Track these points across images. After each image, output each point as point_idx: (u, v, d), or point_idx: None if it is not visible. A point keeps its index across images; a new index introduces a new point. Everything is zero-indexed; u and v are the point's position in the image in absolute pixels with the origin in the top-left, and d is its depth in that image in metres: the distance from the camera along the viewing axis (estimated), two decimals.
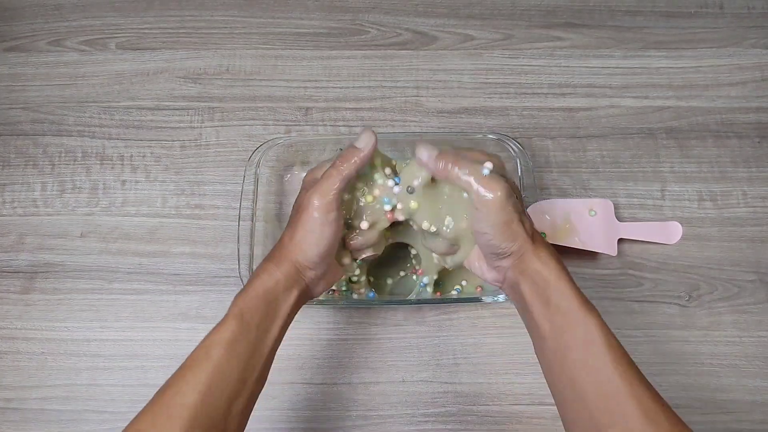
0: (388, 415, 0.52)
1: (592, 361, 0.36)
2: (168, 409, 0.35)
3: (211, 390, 0.35)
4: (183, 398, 0.35)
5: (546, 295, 0.39)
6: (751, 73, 0.65)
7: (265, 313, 0.40)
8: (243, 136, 0.62)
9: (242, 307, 0.39)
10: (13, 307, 0.56)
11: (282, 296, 0.41)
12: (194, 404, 0.35)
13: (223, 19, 0.68)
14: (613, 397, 0.35)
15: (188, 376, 0.36)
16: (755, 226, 0.58)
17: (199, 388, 0.35)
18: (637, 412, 0.34)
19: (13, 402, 0.53)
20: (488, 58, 0.66)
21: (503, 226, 0.40)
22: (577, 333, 0.38)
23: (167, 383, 0.37)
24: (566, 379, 0.37)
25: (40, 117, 0.64)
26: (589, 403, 0.36)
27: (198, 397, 0.35)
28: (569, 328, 0.38)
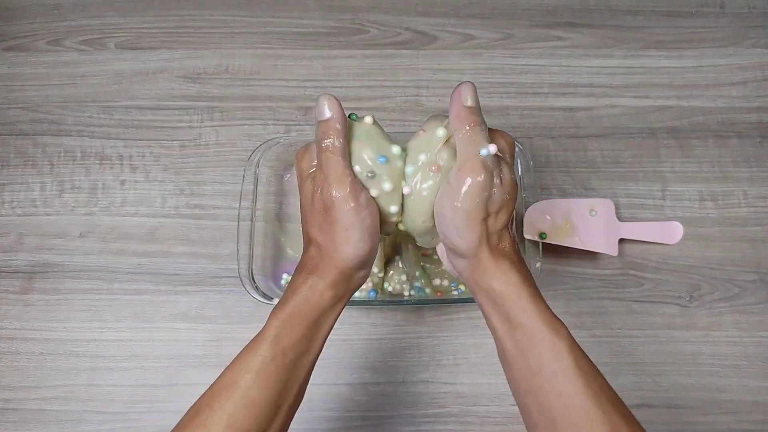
0: (388, 415, 0.52)
1: (562, 387, 0.33)
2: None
3: (239, 422, 0.32)
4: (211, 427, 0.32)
5: (504, 311, 0.36)
6: (752, 72, 0.65)
7: (306, 333, 0.36)
8: (242, 135, 0.62)
9: (279, 328, 0.35)
10: (13, 308, 0.56)
11: (329, 312, 0.37)
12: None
13: (223, 19, 0.68)
14: (585, 426, 0.33)
15: (215, 405, 0.33)
16: (756, 226, 0.58)
17: (225, 420, 0.32)
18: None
19: (12, 402, 0.53)
20: (489, 57, 0.66)
21: (462, 217, 0.35)
22: (543, 355, 0.34)
23: (195, 410, 0.34)
24: (534, 403, 0.35)
25: (39, 117, 0.63)
26: (561, 430, 0.33)
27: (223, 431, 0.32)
28: (534, 349, 0.34)
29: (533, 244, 0.53)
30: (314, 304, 0.36)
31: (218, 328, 0.55)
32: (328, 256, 0.37)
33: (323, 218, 0.36)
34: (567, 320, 0.55)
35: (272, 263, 0.56)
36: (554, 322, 0.35)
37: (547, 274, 0.57)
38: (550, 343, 0.34)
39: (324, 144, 0.36)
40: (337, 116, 0.36)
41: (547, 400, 0.34)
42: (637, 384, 0.53)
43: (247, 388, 0.33)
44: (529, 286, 0.36)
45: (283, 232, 0.58)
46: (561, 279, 0.57)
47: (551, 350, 0.34)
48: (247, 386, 0.33)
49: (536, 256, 0.52)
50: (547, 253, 0.57)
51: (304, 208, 0.38)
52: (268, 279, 0.54)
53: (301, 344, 0.36)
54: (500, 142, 0.38)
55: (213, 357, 0.54)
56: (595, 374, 0.34)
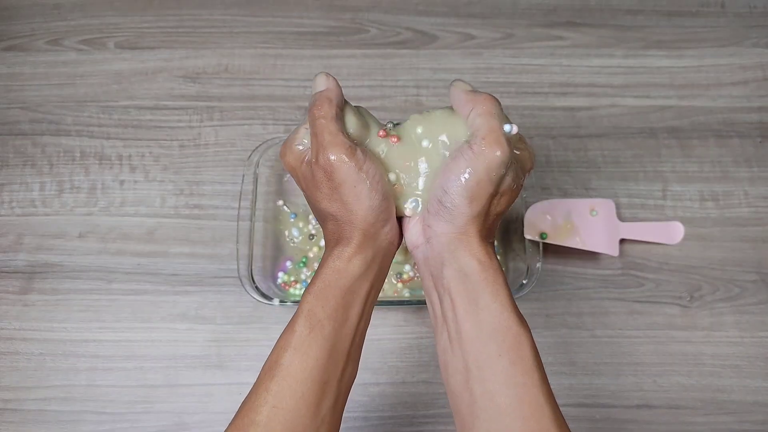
0: (388, 416, 0.52)
1: (520, 378, 0.33)
2: (242, 428, 0.32)
3: (284, 400, 0.32)
4: (255, 415, 0.32)
5: (475, 291, 0.35)
6: (752, 72, 0.65)
7: (341, 303, 0.35)
8: (242, 135, 0.62)
9: (312, 303, 0.35)
10: (12, 308, 0.56)
11: (362, 278, 0.36)
12: (266, 421, 0.32)
13: (222, 18, 0.68)
14: (537, 419, 0.32)
15: (260, 388, 0.33)
16: (757, 226, 0.58)
17: (271, 401, 0.32)
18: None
19: (11, 403, 0.53)
20: (489, 57, 0.66)
21: (475, 185, 0.34)
22: (506, 341, 0.33)
23: (246, 398, 0.34)
24: (481, 389, 0.33)
25: (39, 117, 0.63)
26: (507, 420, 0.32)
27: (270, 412, 0.32)
28: (497, 334, 0.34)
29: (534, 244, 0.53)
30: (344, 272, 0.36)
31: (218, 329, 0.55)
32: (346, 221, 0.36)
33: (329, 187, 0.36)
34: (567, 320, 0.55)
35: (272, 263, 0.56)
36: (521, 315, 0.35)
37: (548, 274, 0.56)
38: (516, 333, 0.34)
39: (316, 112, 0.35)
40: (332, 87, 0.37)
41: (500, 387, 0.33)
42: (637, 384, 0.53)
43: (287, 366, 0.33)
44: (503, 275, 0.36)
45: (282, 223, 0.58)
46: (561, 279, 0.56)
47: (515, 339, 0.34)
48: (287, 364, 0.33)
49: (537, 256, 0.52)
50: (547, 253, 0.57)
51: (308, 189, 0.38)
52: (267, 279, 0.54)
53: (338, 314, 0.35)
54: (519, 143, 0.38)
55: (212, 357, 0.54)
56: (545, 375, 0.34)
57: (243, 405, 0.33)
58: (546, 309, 0.55)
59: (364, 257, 0.36)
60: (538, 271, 0.52)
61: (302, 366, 0.33)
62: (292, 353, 0.33)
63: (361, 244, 0.36)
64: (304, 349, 0.33)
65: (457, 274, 0.35)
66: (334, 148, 0.34)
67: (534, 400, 0.33)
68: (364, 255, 0.36)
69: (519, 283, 0.52)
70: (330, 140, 0.34)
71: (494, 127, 0.35)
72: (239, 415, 0.33)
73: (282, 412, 0.32)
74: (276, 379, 0.33)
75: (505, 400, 0.32)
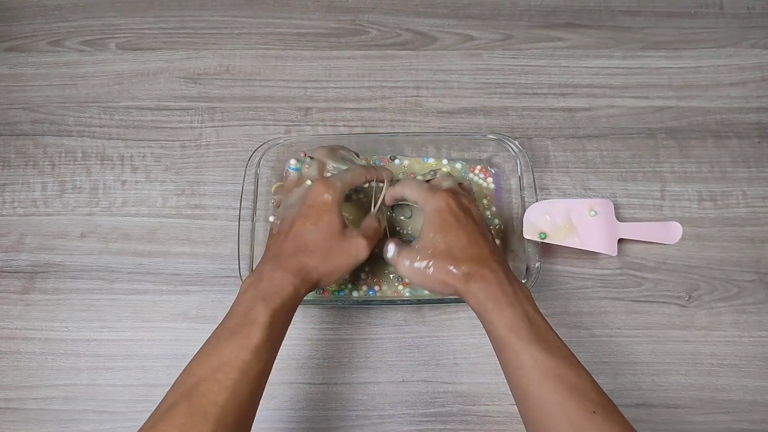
0: (387, 414, 0.53)
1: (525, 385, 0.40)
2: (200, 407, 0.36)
3: (240, 393, 0.38)
4: (214, 396, 0.37)
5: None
6: (751, 73, 0.65)
7: (285, 322, 0.43)
8: (243, 136, 0.62)
9: (272, 317, 0.41)
10: (14, 307, 0.56)
11: (296, 303, 0.44)
12: (224, 402, 0.37)
13: (223, 20, 0.68)
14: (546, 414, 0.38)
15: (218, 376, 0.37)
16: (755, 226, 0.58)
17: (227, 394, 0.37)
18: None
19: (13, 402, 0.53)
20: (488, 58, 0.66)
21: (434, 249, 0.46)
22: (506, 356, 0.41)
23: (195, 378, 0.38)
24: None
25: (41, 117, 0.64)
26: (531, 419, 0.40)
27: (228, 396, 0.37)
28: (502, 356, 0.42)
29: (533, 244, 0.53)
30: (295, 304, 0.44)
31: None
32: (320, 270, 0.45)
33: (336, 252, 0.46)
34: (566, 320, 0.55)
35: None
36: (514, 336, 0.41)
37: (547, 273, 0.57)
38: (513, 349, 0.41)
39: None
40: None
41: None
42: (636, 383, 0.53)
43: (246, 363, 0.38)
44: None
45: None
46: (560, 279, 0.57)
47: (513, 354, 0.41)
48: (246, 363, 0.38)
49: (536, 256, 0.53)
50: (546, 253, 0.57)
51: (317, 227, 0.46)
52: None
53: (283, 331, 0.43)
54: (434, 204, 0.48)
55: None
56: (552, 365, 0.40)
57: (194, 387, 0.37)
58: (545, 309, 0.55)
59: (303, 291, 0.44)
60: (537, 270, 0.52)
61: (258, 368, 0.39)
62: (251, 355, 0.39)
63: (310, 288, 0.45)
64: (260, 355, 0.39)
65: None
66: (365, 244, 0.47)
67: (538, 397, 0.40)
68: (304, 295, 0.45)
69: None
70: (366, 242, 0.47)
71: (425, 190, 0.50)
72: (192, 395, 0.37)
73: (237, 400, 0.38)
74: (235, 375, 0.38)
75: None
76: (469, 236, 0.46)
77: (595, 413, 0.36)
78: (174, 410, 0.36)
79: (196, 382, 0.37)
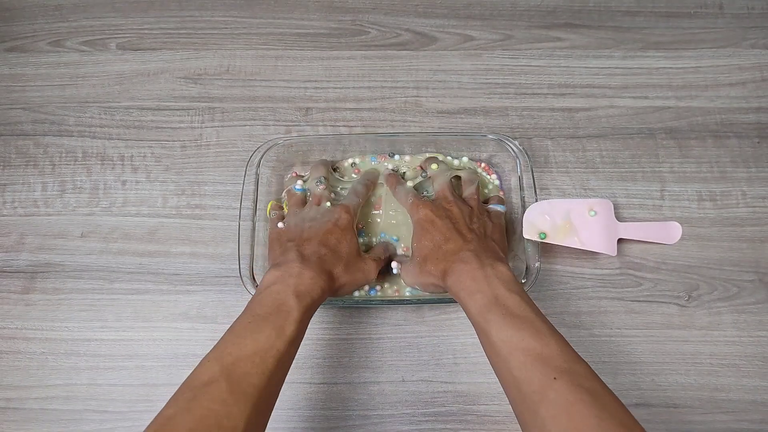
0: (387, 414, 0.53)
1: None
2: (241, 387, 0.37)
3: (275, 378, 0.40)
4: (253, 379, 0.38)
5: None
6: (750, 73, 0.65)
7: (309, 321, 0.44)
8: (243, 136, 0.62)
9: (304, 314, 0.43)
10: (14, 307, 0.56)
11: (318, 306, 0.46)
12: (262, 387, 0.38)
13: (224, 20, 0.68)
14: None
15: (256, 359, 0.39)
16: (755, 226, 0.59)
17: (266, 374, 0.39)
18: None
19: (13, 402, 0.53)
20: (488, 58, 0.66)
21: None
22: (481, 340, 0.44)
23: (233, 358, 0.39)
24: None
25: (41, 117, 0.64)
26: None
27: (266, 382, 0.39)
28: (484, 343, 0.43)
29: (533, 243, 0.53)
30: (317, 306, 0.45)
31: (219, 328, 0.55)
32: (342, 280, 0.48)
33: (358, 261, 0.51)
34: (566, 320, 0.55)
35: None
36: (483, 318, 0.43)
37: (546, 273, 0.57)
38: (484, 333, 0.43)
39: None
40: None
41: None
42: (635, 383, 0.53)
43: (281, 353, 0.40)
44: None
45: None
46: (560, 279, 0.57)
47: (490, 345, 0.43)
48: (282, 352, 0.40)
49: (535, 256, 0.53)
50: (546, 253, 0.57)
51: (341, 241, 0.50)
52: None
53: (305, 329, 0.44)
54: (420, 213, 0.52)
55: None
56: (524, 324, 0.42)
57: (232, 365, 0.38)
58: (544, 308, 0.55)
59: (324, 293, 0.47)
60: (536, 270, 0.52)
61: (289, 357, 0.42)
62: (286, 344, 0.41)
63: (329, 293, 0.48)
64: (292, 345, 0.42)
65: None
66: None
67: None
68: (324, 292, 0.47)
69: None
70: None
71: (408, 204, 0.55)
72: (232, 372, 0.38)
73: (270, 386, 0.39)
74: (271, 359, 0.40)
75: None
76: (444, 234, 0.49)
77: (555, 379, 0.36)
78: (215, 386, 0.36)
79: (232, 362, 0.38)
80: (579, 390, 0.35)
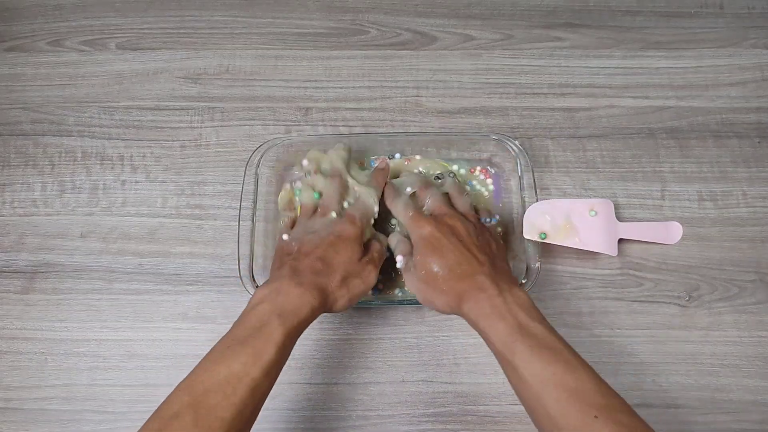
0: (387, 415, 0.52)
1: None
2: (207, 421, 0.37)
3: (254, 393, 0.39)
4: (222, 412, 0.37)
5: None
6: (751, 73, 0.65)
7: (294, 342, 0.43)
8: (243, 136, 0.62)
9: (287, 337, 0.41)
10: (13, 307, 0.56)
11: (308, 324, 0.44)
12: (230, 419, 0.37)
13: (223, 20, 0.68)
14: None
15: (228, 389, 0.38)
16: (755, 226, 0.58)
17: (237, 405, 0.38)
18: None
19: (13, 402, 0.53)
20: (488, 58, 0.66)
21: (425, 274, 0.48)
22: (507, 371, 0.42)
23: (224, 376, 0.38)
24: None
25: (40, 117, 0.64)
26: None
27: (234, 414, 0.38)
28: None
29: (533, 244, 0.53)
30: (307, 325, 0.44)
31: (219, 328, 0.55)
32: (336, 295, 0.46)
33: (357, 269, 0.48)
34: (566, 320, 0.55)
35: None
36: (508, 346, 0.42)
37: (547, 273, 0.57)
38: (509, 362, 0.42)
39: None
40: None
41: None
42: (636, 384, 0.53)
43: (256, 381, 0.39)
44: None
45: None
46: (561, 279, 0.57)
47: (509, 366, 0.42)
48: (256, 379, 0.39)
49: (536, 256, 0.53)
50: (546, 253, 0.57)
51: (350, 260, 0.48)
52: None
53: (288, 356, 0.43)
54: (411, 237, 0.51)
55: None
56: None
57: (224, 383, 0.38)
58: (545, 309, 0.55)
59: (319, 311, 0.45)
60: (537, 270, 0.52)
61: (267, 381, 0.40)
62: (261, 371, 0.39)
63: (327, 310, 0.46)
64: (270, 370, 0.40)
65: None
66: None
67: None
68: (320, 310, 0.45)
69: (518, 283, 0.52)
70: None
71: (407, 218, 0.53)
72: (222, 388, 0.38)
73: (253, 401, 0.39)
74: (252, 376, 0.39)
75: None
76: (455, 255, 0.47)
77: (597, 417, 0.36)
78: (180, 420, 0.36)
79: (203, 392, 0.37)
80: (620, 428, 0.36)
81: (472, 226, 0.50)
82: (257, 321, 0.41)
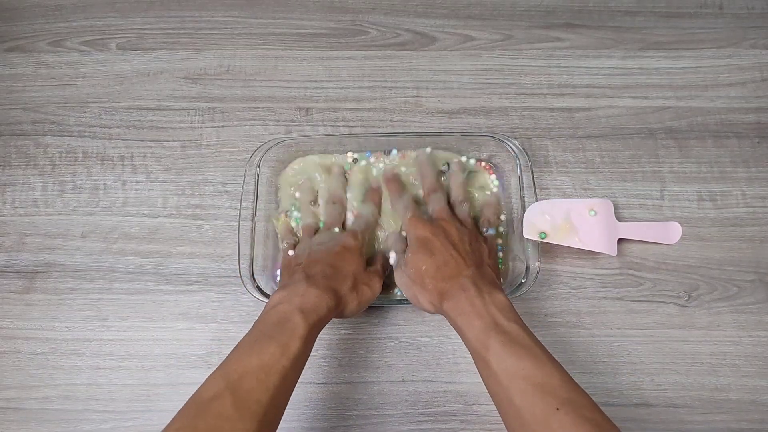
0: (388, 414, 0.53)
1: None
2: (246, 403, 0.38)
3: (285, 382, 0.40)
4: (258, 395, 0.38)
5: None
6: (750, 73, 0.65)
7: (315, 339, 0.44)
8: (243, 136, 0.62)
9: (310, 331, 0.42)
10: (14, 307, 0.56)
11: (324, 325, 0.46)
12: (267, 403, 0.38)
13: (224, 20, 0.68)
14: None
15: (261, 376, 0.39)
16: (754, 226, 0.59)
17: (271, 390, 0.39)
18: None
19: (13, 402, 0.53)
20: (488, 58, 0.66)
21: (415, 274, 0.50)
22: (479, 366, 0.44)
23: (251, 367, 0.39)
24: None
25: (41, 117, 0.64)
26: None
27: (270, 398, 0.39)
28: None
29: (533, 243, 0.53)
30: (324, 325, 0.45)
31: (219, 328, 0.56)
32: (347, 299, 0.47)
33: (365, 278, 0.50)
34: (566, 319, 0.55)
35: (273, 263, 0.56)
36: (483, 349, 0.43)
37: (547, 273, 0.57)
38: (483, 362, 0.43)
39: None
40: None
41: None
42: (635, 383, 0.53)
43: (287, 370, 0.40)
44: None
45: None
46: (560, 278, 0.57)
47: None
48: (287, 369, 0.40)
49: (536, 256, 0.53)
50: (546, 252, 0.57)
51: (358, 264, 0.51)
52: (268, 278, 0.55)
53: (309, 353, 0.43)
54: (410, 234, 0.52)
55: (214, 356, 0.54)
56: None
57: (242, 376, 0.39)
58: (545, 308, 0.56)
59: (332, 313, 0.46)
60: (537, 270, 0.52)
61: (294, 373, 0.41)
62: (291, 362, 0.40)
63: (338, 314, 0.48)
64: (297, 363, 0.41)
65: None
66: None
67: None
68: (333, 311, 0.46)
69: (518, 283, 0.52)
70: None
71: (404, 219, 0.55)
72: (245, 379, 0.39)
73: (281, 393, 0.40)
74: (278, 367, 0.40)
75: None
76: (443, 257, 0.48)
77: (558, 410, 0.36)
78: (219, 401, 0.36)
79: (238, 378, 0.38)
80: (582, 421, 0.36)
81: (466, 232, 0.51)
82: (280, 318, 0.42)
